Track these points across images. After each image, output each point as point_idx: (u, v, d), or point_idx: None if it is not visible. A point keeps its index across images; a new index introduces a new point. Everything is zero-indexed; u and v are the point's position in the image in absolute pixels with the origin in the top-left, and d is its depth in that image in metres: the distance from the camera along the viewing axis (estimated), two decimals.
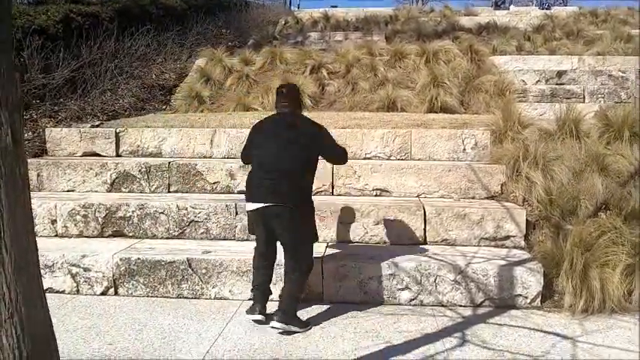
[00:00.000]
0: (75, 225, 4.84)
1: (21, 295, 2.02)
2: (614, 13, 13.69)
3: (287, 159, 3.62)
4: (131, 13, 9.97)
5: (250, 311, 3.77)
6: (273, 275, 3.89)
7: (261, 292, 3.79)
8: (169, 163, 5.42)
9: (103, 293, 4.25)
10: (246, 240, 4.69)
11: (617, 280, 3.85)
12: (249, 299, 3.93)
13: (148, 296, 4.23)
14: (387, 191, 5.16)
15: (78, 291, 4.26)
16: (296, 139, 3.67)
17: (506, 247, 4.54)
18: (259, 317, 3.73)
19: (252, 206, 3.70)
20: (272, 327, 3.59)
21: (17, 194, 2.01)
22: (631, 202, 4.57)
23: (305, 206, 3.72)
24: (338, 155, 3.93)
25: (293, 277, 3.68)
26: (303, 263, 3.69)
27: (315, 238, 3.85)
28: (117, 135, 6.01)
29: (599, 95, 7.96)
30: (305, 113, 4.27)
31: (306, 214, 3.75)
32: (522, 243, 4.56)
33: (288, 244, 3.69)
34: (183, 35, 10.61)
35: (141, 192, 5.37)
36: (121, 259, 4.25)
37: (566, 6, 17.86)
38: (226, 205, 4.80)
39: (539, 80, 8.73)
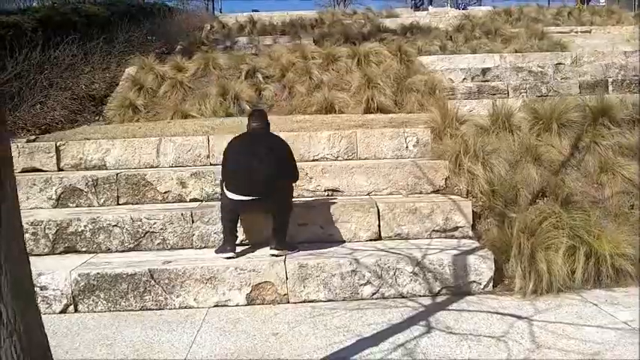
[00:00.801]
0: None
1: (19, 315, 2.01)
2: (526, 11, 14.55)
3: (264, 165, 4.36)
4: (53, 21, 9.59)
5: (221, 250, 4.46)
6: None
7: (232, 235, 4.50)
8: (117, 174, 5.33)
9: (63, 311, 4.15)
10: (205, 247, 4.72)
11: (561, 261, 4.17)
12: (220, 247, 4.53)
13: (110, 311, 4.16)
14: (339, 191, 5.31)
15: None
16: (270, 150, 4.46)
17: (456, 238, 4.79)
18: (231, 254, 4.42)
19: (237, 197, 4.40)
20: (271, 255, 4.39)
21: (8, 208, 2.01)
22: (565, 188, 4.95)
23: (283, 185, 4.55)
24: (294, 174, 4.71)
25: (281, 219, 4.50)
26: (288, 211, 4.58)
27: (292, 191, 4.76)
28: (57, 149, 5.83)
29: (522, 90, 8.45)
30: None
31: (285, 189, 4.61)
32: (470, 233, 4.82)
33: (276, 211, 4.51)
34: (110, 43, 10.33)
35: (89, 206, 5.25)
36: (79, 275, 4.16)
37: (481, 6, 18.75)
38: (182, 214, 4.78)
39: (465, 78, 9.17)
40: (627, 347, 3.34)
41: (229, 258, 4.39)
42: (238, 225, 4.64)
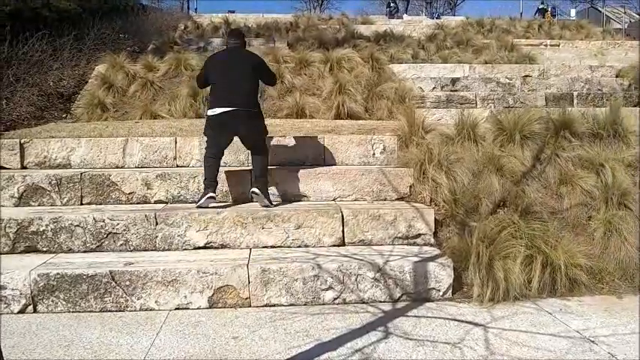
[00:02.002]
0: None
1: None
2: (498, 22, 14.83)
3: (243, 78, 5.03)
4: (23, 16, 9.49)
5: (203, 195, 4.91)
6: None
7: (212, 182, 4.98)
8: (82, 174, 5.29)
9: (21, 311, 4.10)
10: (169, 250, 4.71)
11: (518, 270, 4.27)
12: (201, 195, 5.00)
13: (69, 312, 4.13)
14: (305, 196, 5.36)
15: None
16: (247, 65, 5.14)
17: (418, 245, 4.87)
18: (212, 194, 4.92)
19: (220, 110, 4.95)
20: (252, 192, 5.05)
21: None
22: (525, 199, 5.07)
23: (259, 109, 5.23)
24: (272, 79, 5.65)
25: (260, 160, 5.12)
26: (265, 149, 5.22)
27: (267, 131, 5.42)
28: (22, 146, 5.76)
29: (490, 101, 8.63)
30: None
31: (261, 115, 5.27)
32: (432, 240, 4.90)
33: (254, 137, 5.15)
34: (81, 40, 10.23)
35: (52, 205, 5.20)
36: (39, 275, 4.12)
37: (454, 16, 19.00)
38: (145, 216, 4.76)
39: (435, 87, 9.32)
40: (577, 355, 3.44)
41: (211, 197, 4.89)
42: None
